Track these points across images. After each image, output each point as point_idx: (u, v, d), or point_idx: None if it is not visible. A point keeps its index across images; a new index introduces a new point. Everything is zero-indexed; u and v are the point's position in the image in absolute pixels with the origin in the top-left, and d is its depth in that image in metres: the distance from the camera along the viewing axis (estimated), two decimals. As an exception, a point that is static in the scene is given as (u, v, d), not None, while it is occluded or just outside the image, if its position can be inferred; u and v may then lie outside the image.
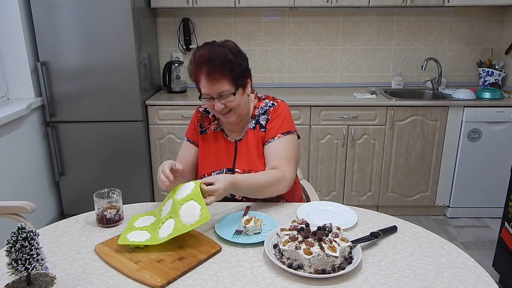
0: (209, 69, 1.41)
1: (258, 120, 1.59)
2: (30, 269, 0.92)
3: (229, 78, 1.43)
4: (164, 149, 3.06)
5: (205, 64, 1.42)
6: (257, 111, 1.60)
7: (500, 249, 2.29)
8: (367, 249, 1.21)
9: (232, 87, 1.45)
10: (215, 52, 1.42)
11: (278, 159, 1.49)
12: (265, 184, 1.41)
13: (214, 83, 1.42)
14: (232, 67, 1.43)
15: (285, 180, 1.45)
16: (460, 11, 3.37)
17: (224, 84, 1.43)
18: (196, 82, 1.49)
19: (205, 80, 1.43)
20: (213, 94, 1.45)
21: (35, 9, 2.71)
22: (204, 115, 1.66)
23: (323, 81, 3.55)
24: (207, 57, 1.42)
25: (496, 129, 2.96)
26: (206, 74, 1.42)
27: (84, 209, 1.51)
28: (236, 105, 1.48)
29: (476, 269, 1.12)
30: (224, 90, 1.44)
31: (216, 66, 1.41)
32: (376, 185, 3.13)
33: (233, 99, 1.46)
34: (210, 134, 1.63)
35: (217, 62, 1.41)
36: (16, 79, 2.81)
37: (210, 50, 1.43)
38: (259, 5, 3.06)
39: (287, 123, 1.57)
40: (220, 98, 1.45)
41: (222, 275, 1.10)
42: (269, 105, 1.60)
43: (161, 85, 3.45)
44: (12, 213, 1.56)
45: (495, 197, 3.08)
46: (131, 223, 1.32)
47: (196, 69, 1.45)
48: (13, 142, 2.61)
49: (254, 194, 1.43)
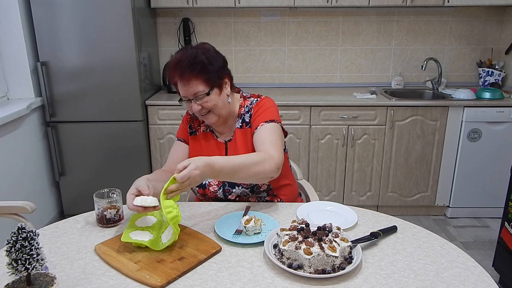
0: (181, 71, 1.42)
1: (243, 119, 1.58)
2: (30, 269, 0.92)
3: (202, 79, 1.43)
4: (164, 149, 3.06)
5: (177, 67, 1.43)
6: (243, 110, 1.59)
7: (500, 249, 2.29)
8: (367, 249, 1.21)
9: (206, 87, 1.45)
10: (186, 54, 1.43)
11: (262, 143, 1.45)
12: (248, 163, 1.31)
13: (187, 84, 1.43)
14: (203, 67, 1.43)
15: (271, 159, 1.36)
16: (460, 11, 3.37)
17: (197, 85, 1.43)
18: (175, 86, 1.50)
19: (179, 82, 1.45)
20: (188, 95, 1.45)
21: (35, 9, 2.71)
22: (194, 117, 1.66)
23: (323, 81, 3.55)
24: (178, 59, 1.43)
25: (496, 129, 2.96)
26: (179, 76, 1.43)
27: (84, 209, 1.51)
28: (213, 105, 1.47)
29: (476, 269, 1.12)
30: (198, 91, 1.44)
31: (187, 67, 1.41)
32: (376, 185, 3.13)
33: (208, 100, 1.45)
34: (200, 135, 1.64)
35: (186, 63, 1.41)
36: (16, 79, 2.81)
37: (183, 53, 1.45)
38: (259, 5, 3.06)
39: (270, 113, 1.54)
40: (196, 99, 1.45)
41: (222, 275, 1.10)
42: (253, 102, 1.59)
43: (161, 85, 3.45)
44: (12, 213, 1.56)
45: (495, 197, 3.08)
46: (131, 221, 1.32)
47: (170, 73, 1.46)
48: (13, 142, 2.61)
49: (237, 176, 1.31)
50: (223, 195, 1.56)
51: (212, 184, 1.57)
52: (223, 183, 1.55)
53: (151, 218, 1.35)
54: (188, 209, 1.48)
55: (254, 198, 1.58)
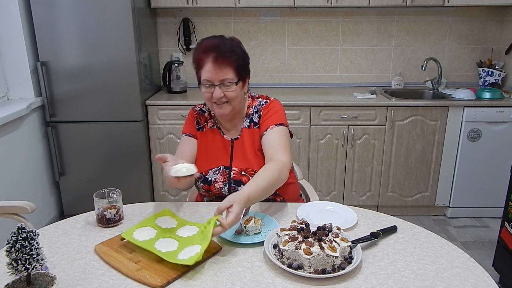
0: (217, 54, 1.45)
1: (252, 119, 1.61)
2: (30, 269, 0.92)
3: (234, 67, 1.47)
4: (164, 149, 3.06)
5: (213, 50, 1.45)
6: (251, 110, 1.62)
7: (500, 249, 2.29)
8: (367, 249, 1.21)
9: (235, 77, 1.48)
10: (224, 41, 1.49)
11: (272, 147, 1.51)
12: (271, 183, 1.38)
13: (221, 68, 1.45)
14: (239, 57, 1.49)
15: (284, 167, 1.44)
16: (460, 11, 3.37)
17: (228, 72, 1.46)
18: (199, 68, 1.51)
19: (211, 65, 1.45)
20: (215, 80, 1.46)
21: (35, 9, 2.71)
22: (200, 114, 1.67)
23: (323, 81, 3.55)
24: (216, 44, 1.47)
25: (496, 129, 2.96)
26: (213, 59, 1.45)
27: (84, 209, 1.51)
28: (234, 96, 1.50)
29: (476, 269, 1.12)
30: (227, 78, 1.47)
31: (225, 53, 1.45)
32: (376, 185, 3.13)
33: (233, 89, 1.48)
34: (207, 131, 1.64)
35: (226, 49, 1.46)
36: (16, 79, 2.81)
37: (221, 39, 1.50)
38: (259, 5, 3.06)
39: (280, 116, 1.59)
40: (221, 85, 1.47)
41: (222, 275, 1.10)
42: (262, 103, 1.62)
43: (161, 85, 3.45)
44: (12, 213, 1.56)
45: (495, 197, 3.08)
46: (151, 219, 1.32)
47: (202, 55, 1.48)
48: (13, 142, 2.61)
49: (265, 197, 1.40)
50: (228, 192, 1.56)
51: (217, 181, 1.56)
52: (229, 180, 1.56)
53: (173, 220, 1.34)
54: (188, 209, 1.48)
55: None
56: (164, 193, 3.15)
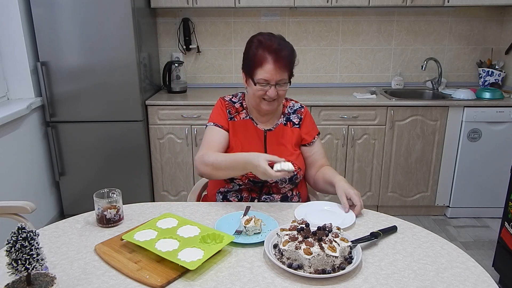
0: (278, 57, 1.52)
1: (289, 118, 1.70)
2: (30, 269, 0.92)
3: (289, 69, 1.57)
4: (164, 149, 3.06)
5: (275, 52, 1.52)
6: (287, 110, 1.72)
7: (500, 249, 2.29)
8: (367, 249, 1.21)
9: (287, 78, 1.58)
10: (285, 44, 1.57)
11: (322, 157, 1.73)
12: None
13: (279, 69, 1.52)
14: (292, 60, 1.59)
15: None
16: (460, 11, 3.37)
17: (285, 73, 1.55)
18: (256, 67, 1.54)
19: (271, 66, 1.52)
20: (272, 81, 1.53)
21: (35, 9, 2.71)
22: (230, 104, 1.70)
23: (323, 81, 3.55)
24: (278, 46, 1.54)
25: (496, 129, 2.96)
26: (274, 60, 1.52)
27: (84, 209, 1.51)
28: (283, 95, 1.61)
29: (476, 269, 1.12)
30: (283, 79, 1.55)
31: (285, 56, 1.53)
32: (376, 185, 3.13)
33: (285, 89, 1.58)
34: (240, 121, 1.67)
35: (287, 53, 1.54)
36: (16, 79, 2.81)
37: (280, 40, 1.57)
38: (259, 5, 3.06)
39: (316, 125, 1.79)
40: (277, 85, 1.54)
41: (222, 275, 1.10)
42: (296, 106, 1.75)
43: (161, 85, 3.45)
44: (12, 213, 1.56)
45: (495, 197, 3.08)
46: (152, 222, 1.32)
47: (264, 54, 1.53)
48: (13, 142, 2.61)
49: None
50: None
51: None
52: None
53: (174, 220, 1.34)
54: (188, 209, 1.48)
55: (276, 189, 1.62)
56: (164, 193, 3.15)
